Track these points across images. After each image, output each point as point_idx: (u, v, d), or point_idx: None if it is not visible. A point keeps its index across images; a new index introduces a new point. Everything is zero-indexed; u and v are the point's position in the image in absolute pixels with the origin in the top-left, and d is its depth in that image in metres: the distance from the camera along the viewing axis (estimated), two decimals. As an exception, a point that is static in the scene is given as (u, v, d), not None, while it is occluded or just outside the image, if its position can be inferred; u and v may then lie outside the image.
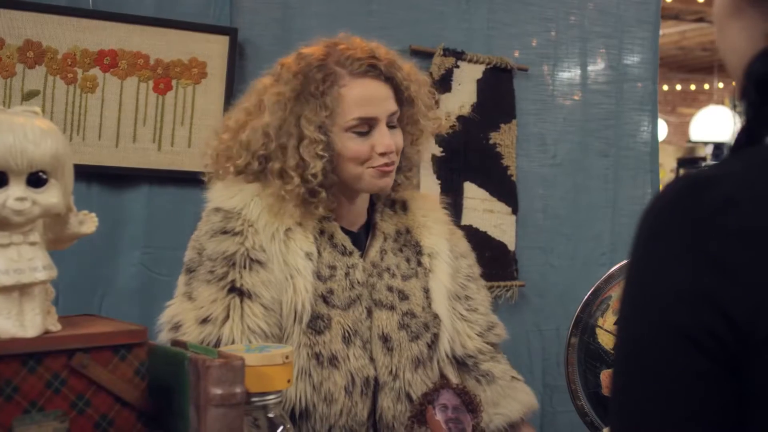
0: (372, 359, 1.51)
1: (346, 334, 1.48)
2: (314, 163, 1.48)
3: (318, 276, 1.49)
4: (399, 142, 1.55)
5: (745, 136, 0.72)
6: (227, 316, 1.42)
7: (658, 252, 0.69)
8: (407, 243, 1.63)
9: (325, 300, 1.49)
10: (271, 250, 1.47)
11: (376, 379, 1.50)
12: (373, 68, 1.52)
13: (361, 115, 1.50)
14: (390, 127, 1.54)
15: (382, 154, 1.51)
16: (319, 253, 1.51)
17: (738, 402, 0.66)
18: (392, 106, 1.54)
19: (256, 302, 1.44)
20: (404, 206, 1.68)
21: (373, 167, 1.52)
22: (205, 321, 1.42)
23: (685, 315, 0.66)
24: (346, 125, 1.50)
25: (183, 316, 1.45)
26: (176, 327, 1.44)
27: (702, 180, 0.69)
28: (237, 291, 1.44)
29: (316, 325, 1.47)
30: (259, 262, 1.46)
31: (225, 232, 1.47)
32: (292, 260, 1.48)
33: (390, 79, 1.54)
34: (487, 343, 1.68)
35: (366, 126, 1.51)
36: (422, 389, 1.51)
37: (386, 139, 1.51)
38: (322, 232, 1.53)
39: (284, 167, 1.50)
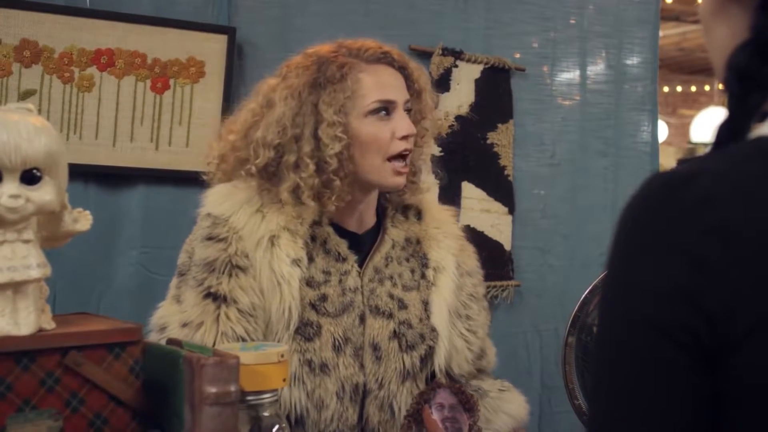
0: (362, 366, 1.50)
1: (337, 343, 1.47)
2: (332, 145, 1.46)
3: (309, 282, 1.48)
4: (414, 130, 1.53)
5: (727, 130, 0.72)
6: (203, 321, 1.43)
7: (637, 249, 0.69)
8: (415, 253, 1.61)
9: (315, 307, 1.47)
10: (255, 257, 1.46)
11: (365, 385, 1.50)
12: (386, 56, 1.52)
13: (381, 98, 1.49)
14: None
15: (403, 138, 1.50)
16: (311, 258, 1.49)
17: (715, 399, 0.66)
18: (407, 93, 1.54)
19: (232, 307, 1.43)
20: (418, 214, 1.65)
21: (391, 158, 1.50)
22: (185, 325, 1.43)
23: (664, 312, 0.66)
24: (366, 109, 1.49)
25: (168, 318, 1.46)
26: (163, 329, 1.45)
27: (680, 177, 0.69)
28: (212, 296, 1.43)
29: (305, 332, 1.46)
30: (240, 268, 1.45)
31: (211, 238, 1.46)
32: (277, 267, 1.46)
33: (402, 69, 1.54)
34: (477, 369, 1.66)
35: (385, 110, 1.50)
36: (407, 402, 1.50)
37: (406, 123, 1.50)
38: (313, 238, 1.51)
39: (299, 156, 1.47)
